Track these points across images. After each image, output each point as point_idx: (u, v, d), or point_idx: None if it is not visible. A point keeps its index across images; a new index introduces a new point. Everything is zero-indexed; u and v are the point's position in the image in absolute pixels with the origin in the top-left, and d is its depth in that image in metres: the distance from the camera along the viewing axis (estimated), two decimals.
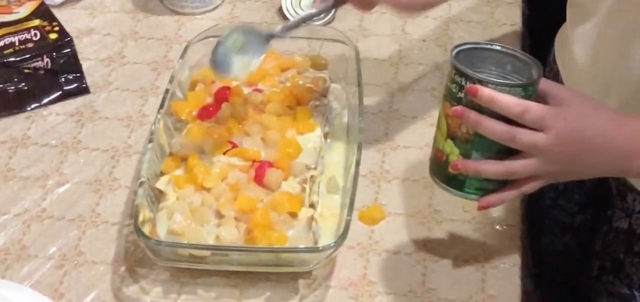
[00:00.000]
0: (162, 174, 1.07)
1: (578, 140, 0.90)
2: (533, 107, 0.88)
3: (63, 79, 1.27)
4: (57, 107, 1.25)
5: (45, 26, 1.31)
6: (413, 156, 1.17)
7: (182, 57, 1.19)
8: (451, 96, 0.92)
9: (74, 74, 1.28)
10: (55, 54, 1.27)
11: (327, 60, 1.24)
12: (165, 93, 1.14)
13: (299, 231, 1.01)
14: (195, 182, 1.05)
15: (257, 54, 1.08)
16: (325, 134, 1.15)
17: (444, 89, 0.94)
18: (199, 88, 1.18)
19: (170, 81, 1.16)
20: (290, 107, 1.15)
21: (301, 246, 1.00)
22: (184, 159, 1.08)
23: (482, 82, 0.89)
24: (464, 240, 1.07)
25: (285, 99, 1.15)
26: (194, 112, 1.14)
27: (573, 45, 1.13)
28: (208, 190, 1.04)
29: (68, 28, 1.32)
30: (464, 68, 0.90)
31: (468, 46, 0.94)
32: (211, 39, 1.22)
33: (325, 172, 1.11)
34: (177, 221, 1.01)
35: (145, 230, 0.99)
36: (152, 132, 1.09)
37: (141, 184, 1.02)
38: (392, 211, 1.10)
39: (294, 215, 1.02)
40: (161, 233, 1.01)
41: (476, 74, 0.90)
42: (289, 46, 1.23)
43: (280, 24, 1.29)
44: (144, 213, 1.01)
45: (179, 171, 1.07)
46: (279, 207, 1.02)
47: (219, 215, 1.02)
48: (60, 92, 1.26)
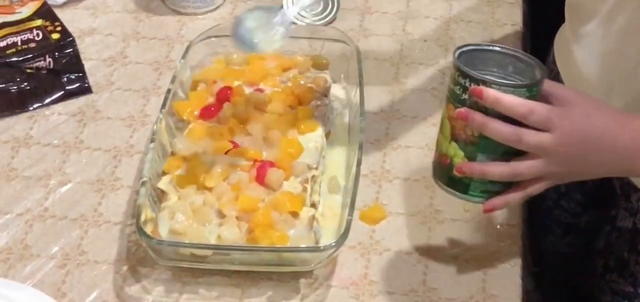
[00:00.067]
0: (164, 173, 1.07)
1: (583, 140, 0.89)
2: (538, 108, 0.88)
3: (65, 79, 1.27)
4: (60, 107, 1.25)
5: (47, 26, 1.31)
6: (414, 156, 1.17)
7: (184, 57, 1.20)
8: (455, 98, 0.91)
9: (76, 74, 1.28)
10: (57, 53, 1.27)
11: (329, 60, 1.24)
12: (167, 93, 1.14)
13: (301, 230, 1.01)
14: (197, 182, 1.05)
15: (281, 32, 1.07)
16: (327, 134, 1.15)
17: (446, 92, 0.93)
18: (200, 88, 1.18)
19: (172, 81, 1.16)
20: (292, 107, 1.15)
21: (302, 246, 1.00)
22: (186, 159, 1.08)
23: (487, 83, 0.88)
24: (465, 240, 1.07)
25: (287, 98, 1.16)
26: (196, 112, 1.14)
27: (573, 47, 1.12)
28: (210, 190, 1.04)
29: (70, 28, 1.32)
30: (468, 70, 0.89)
31: (470, 48, 0.94)
32: (213, 39, 1.23)
33: (327, 172, 1.11)
34: (179, 220, 1.01)
35: (147, 230, 0.99)
36: (154, 132, 1.09)
37: (143, 184, 1.03)
38: (393, 211, 1.10)
39: (295, 215, 1.02)
40: (163, 233, 1.01)
41: (481, 75, 0.89)
42: (290, 46, 1.23)
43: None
44: (146, 213, 1.01)
45: (181, 171, 1.07)
46: (280, 207, 1.02)
47: (221, 214, 1.02)
48: (63, 92, 1.26)
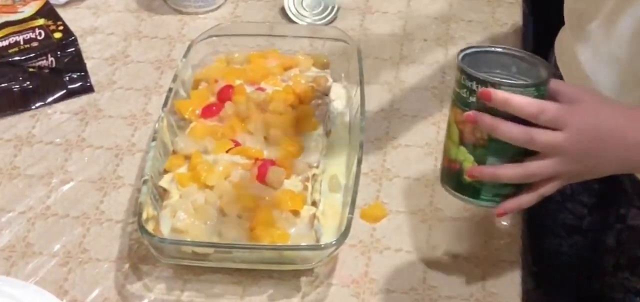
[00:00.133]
0: (166, 172, 1.08)
1: (595, 137, 0.88)
2: (549, 106, 0.87)
3: (67, 78, 1.27)
4: (62, 105, 1.25)
5: (49, 25, 1.31)
6: (414, 155, 1.17)
7: (186, 56, 1.20)
8: (461, 102, 0.89)
9: (78, 73, 1.28)
10: (59, 53, 1.27)
11: (329, 60, 1.24)
12: (168, 92, 1.15)
13: (301, 228, 1.01)
14: (199, 180, 1.05)
15: None
16: (327, 133, 1.15)
17: (452, 95, 0.91)
18: (202, 87, 1.19)
19: (174, 80, 1.17)
20: (293, 106, 1.15)
21: (303, 244, 1.01)
22: (187, 157, 1.09)
23: (495, 84, 0.87)
24: (465, 238, 1.07)
25: (288, 97, 1.16)
26: (197, 111, 1.14)
27: (576, 50, 1.11)
28: (211, 188, 1.05)
29: (72, 27, 1.32)
30: (475, 72, 0.88)
31: (473, 50, 0.92)
32: (214, 38, 1.24)
33: (327, 171, 1.11)
34: (181, 218, 1.01)
35: (149, 228, 0.99)
36: (156, 131, 1.10)
37: (145, 182, 1.03)
38: (394, 209, 1.11)
39: (296, 213, 1.03)
40: (165, 231, 1.01)
41: (488, 77, 0.87)
42: (291, 45, 1.24)
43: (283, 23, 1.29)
44: (148, 211, 1.02)
45: (183, 169, 1.08)
46: (281, 205, 1.02)
47: (222, 213, 1.02)
48: (65, 90, 1.27)
